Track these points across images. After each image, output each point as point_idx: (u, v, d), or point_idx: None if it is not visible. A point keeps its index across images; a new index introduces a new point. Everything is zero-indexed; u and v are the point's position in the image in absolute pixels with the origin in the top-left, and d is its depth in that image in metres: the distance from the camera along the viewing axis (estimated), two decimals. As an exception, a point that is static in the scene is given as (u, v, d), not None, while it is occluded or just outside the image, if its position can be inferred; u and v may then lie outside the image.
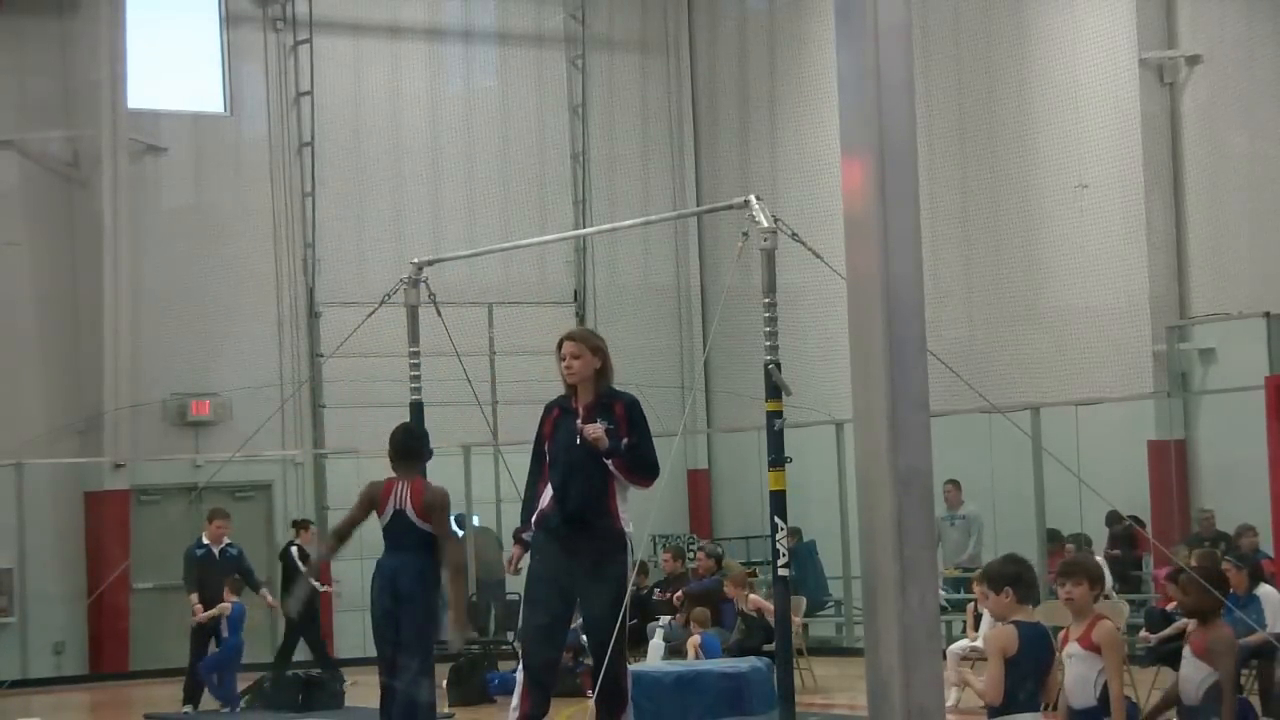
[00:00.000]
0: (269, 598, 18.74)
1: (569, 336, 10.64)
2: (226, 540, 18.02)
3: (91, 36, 23.95)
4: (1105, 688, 8.81)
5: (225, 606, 17.60)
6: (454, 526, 12.31)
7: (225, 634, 17.62)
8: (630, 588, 10.42)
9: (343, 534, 11.78)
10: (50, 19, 24.12)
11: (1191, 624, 10.76)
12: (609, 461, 10.17)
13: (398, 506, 11.49)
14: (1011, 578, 8.54)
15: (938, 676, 3.94)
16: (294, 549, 19.40)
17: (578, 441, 10.21)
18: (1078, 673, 8.88)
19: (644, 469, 10.29)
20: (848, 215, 3.99)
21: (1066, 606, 9.20)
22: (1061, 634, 9.29)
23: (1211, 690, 9.97)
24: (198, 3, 25.52)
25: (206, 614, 17.60)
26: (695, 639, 17.86)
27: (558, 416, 10.43)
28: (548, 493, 10.34)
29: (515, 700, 10.66)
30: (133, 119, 24.28)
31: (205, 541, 17.98)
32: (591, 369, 10.35)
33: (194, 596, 17.69)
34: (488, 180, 26.76)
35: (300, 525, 20.15)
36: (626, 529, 10.27)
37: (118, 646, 23.72)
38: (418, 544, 11.53)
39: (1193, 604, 10.47)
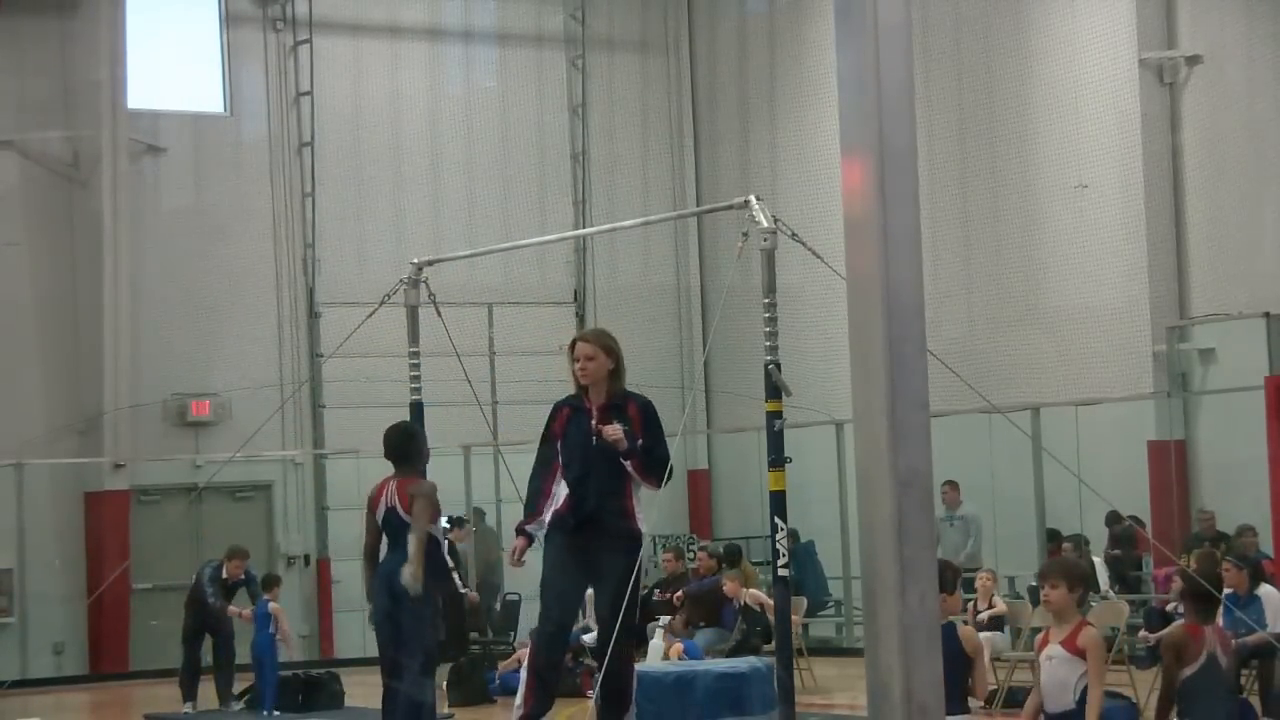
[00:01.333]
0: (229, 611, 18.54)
1: (582, 338, 10.52)
2: (241, 575, 18.20)
3: (91, 36, 23.94)
4: (1084, 693, 8.75)
5: (245, 612, 18.01)
6: (442, 523, 12.18)
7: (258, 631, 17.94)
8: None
9: (372, 555, 11.73)
10: (50, 19, 24.11)
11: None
12: (627, 462, 10.09)
13: (389, 505, 11.45)
14: None
15: (938, 676, 3.94)
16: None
17: (594, 442, 10.10)
18: (1058, 676, 8.79)
19: (659, 469, 10.20)
20: (848, 215, 3.99)
21: (1046, 608, 9.16)
22: (1040, 636, 9.26)
23: (1195, 684, 9.88)
24: (198, 3, 25.52)
25: (246, 612, 17.89)
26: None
27: (569, 416, 10.30)
28: (563, 494, 10.20)
29: (519, 699, 10.65)
30: (133, 119, 24.28)
31: (224, 575, 18.06)
32: (605, 370, 10.23)
33: (232, 607, 17.92)
34: (488, 180, 26.76)
35: (455, 523, 19.95)
36: (643, 529, 10.19)
37: (118, 646, 23.72)
38: (413, 542, 11.48)
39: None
